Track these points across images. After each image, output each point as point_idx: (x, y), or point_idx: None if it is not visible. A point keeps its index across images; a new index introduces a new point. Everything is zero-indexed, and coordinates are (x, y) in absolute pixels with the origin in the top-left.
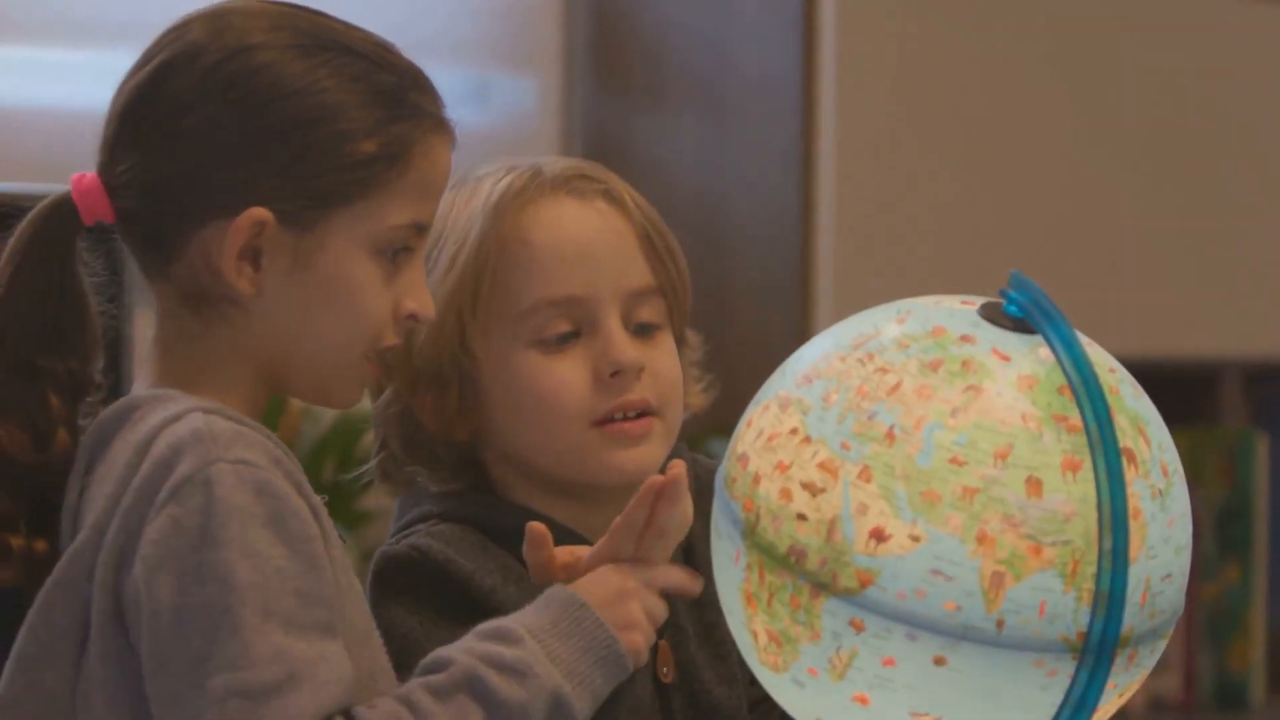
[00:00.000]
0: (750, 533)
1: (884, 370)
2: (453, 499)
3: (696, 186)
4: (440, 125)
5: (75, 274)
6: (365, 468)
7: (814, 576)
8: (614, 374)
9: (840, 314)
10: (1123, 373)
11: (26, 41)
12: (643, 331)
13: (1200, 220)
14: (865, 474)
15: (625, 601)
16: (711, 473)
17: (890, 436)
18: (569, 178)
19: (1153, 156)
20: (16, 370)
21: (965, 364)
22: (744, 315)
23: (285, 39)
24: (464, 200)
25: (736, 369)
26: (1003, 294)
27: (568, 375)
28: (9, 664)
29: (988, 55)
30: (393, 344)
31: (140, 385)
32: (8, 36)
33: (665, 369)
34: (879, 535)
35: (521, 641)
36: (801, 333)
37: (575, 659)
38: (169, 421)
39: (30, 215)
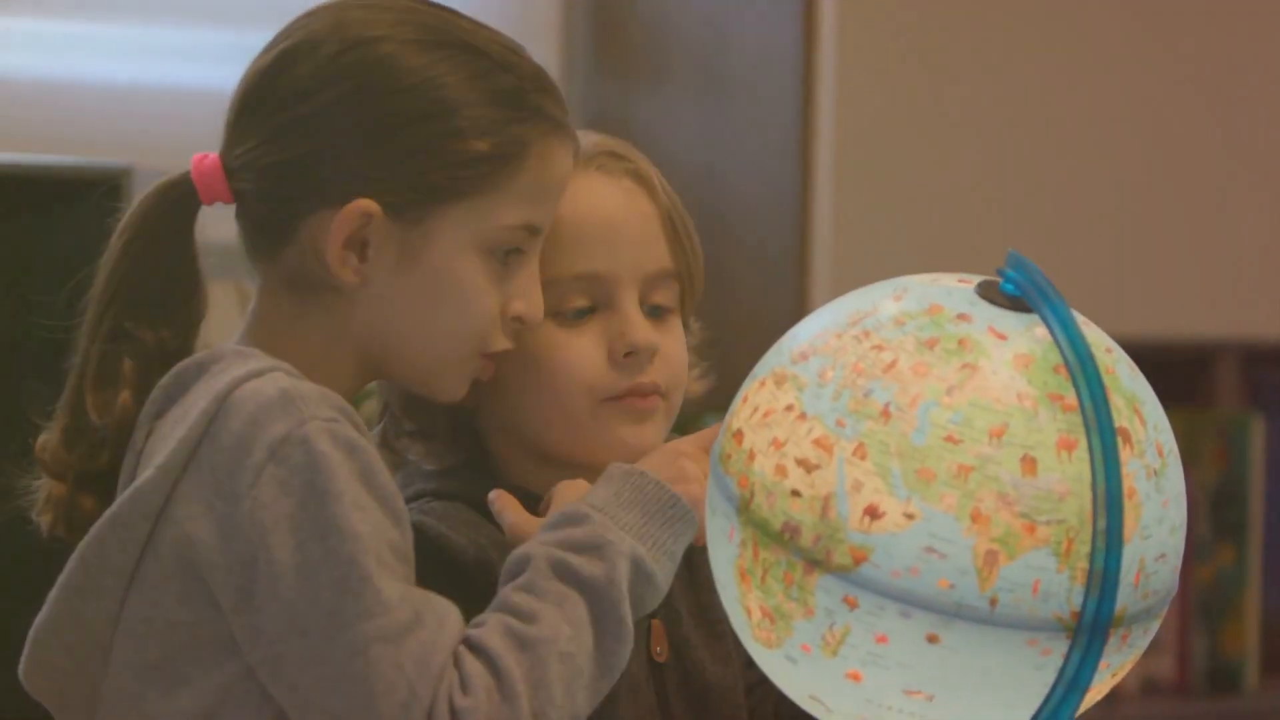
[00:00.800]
0: (744, 509)
1: (880, 347)
2: (447, 476)
3: (696, 165)
4: (560, 129)
5: (190, 250)
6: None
7: (808, 553)
8: (628, 354)
9: (838, 291)
10: (1119, 353)
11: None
12: (655, 314)
13: (1197, 201)
14: (860, 451)
15: (676, 459)
16: None
17: (885, 414)
18: (597, 154)
19: (1151, 135)
20: (109, 338)
21: (961, 342)
22: (742, 292)
23: (407, 33)
24: None
25: (734, 345)
26: (1000, 273)
27: (583, 351)
28: (54, 592)
29: (987, 35)
30: (502, 348)
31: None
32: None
33: (674, 353)
34: (873, 512)
35: (588, 518)
36: (799, 310)
37: (643, 524)
38: (251, 376)
39: (149, 190)
